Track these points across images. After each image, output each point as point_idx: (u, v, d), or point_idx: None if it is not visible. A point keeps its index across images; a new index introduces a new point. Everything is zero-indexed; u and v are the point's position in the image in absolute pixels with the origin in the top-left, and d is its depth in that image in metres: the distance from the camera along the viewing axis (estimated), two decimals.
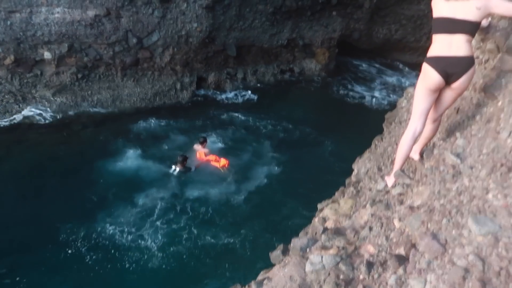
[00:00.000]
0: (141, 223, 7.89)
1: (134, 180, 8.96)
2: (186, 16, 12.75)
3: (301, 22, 15.43)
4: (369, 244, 3.05)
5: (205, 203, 8.66)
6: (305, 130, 12.21)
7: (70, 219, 7.71)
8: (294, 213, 8.38)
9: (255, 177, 9.58)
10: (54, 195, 8.41)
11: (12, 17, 10.91)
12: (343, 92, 15.29)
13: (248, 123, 12.42)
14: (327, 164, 10.26)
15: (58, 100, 11.54)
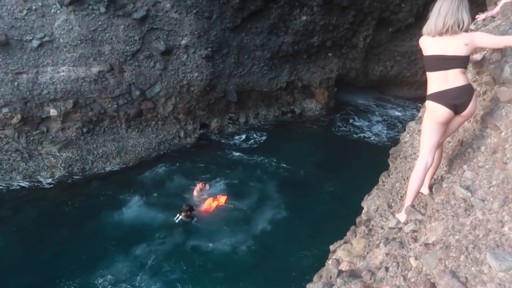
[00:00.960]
0: (141, 275, 7.71)
1: (137, 231, 8.88)
2: (186, 67, 13.17)
3: (299, 64, 15.89)
4: (387, 286, 2.96)
5: (210, 253, 8.48)
6: (309, 170, 12.19)
7: (72, 272, 7.64)
8: (304, 256, 8.18)
9: (260, 220, 9.46)
10: (57, 250, 8.37)
11: (19, 78, 11.29)
12: (345, 129, 15.43)
13: (252, 165, 12.46)
14: (334, 203, 10.15)
15: (64, 155, 11.68)
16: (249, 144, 13.80)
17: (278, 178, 11.41)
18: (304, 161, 12.52)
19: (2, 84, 11.12)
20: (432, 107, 3.17)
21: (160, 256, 8.31)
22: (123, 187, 10.55)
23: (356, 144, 14.37)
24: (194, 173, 11.25)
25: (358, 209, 5.89)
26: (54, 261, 8.03)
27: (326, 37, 15.58)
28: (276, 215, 9.48)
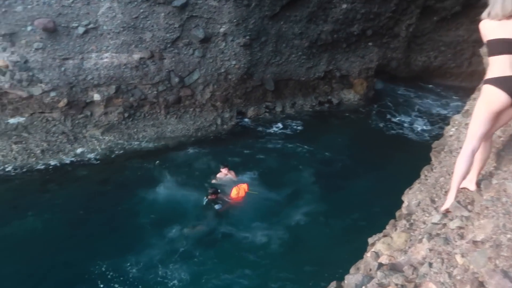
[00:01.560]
0: (170, 258, 7.84)
1: (170, 212, 9.08)
2: (224, 55, 13.24)
3: (337, 54, 15.58)
4: (430, 282, 2.89)
5: (241, 241, 8.50)
6: (345, 162, 12.01)
7: (105, 250, 7.97)
8: (338, 248, 8.07)
9: (294, 210, 9.41)
10: (95, 227, 8.72)
11: (66, 63, 11.77)
12: (384, 121, 15.05)
13: (287, 154, 12.43)
14: (370, 196, 9.94)
15: (106, 138, 12.13)
16: (285, 134, 13.76)
17: (313, 168, 11.32)
18: (341, 153, 12.34)
19: (50, 69, 11.65)
20: (490, 92, 3.01)
21: (191, 240, 8.46)
22: (160, 170, 10.84)
23: (394, 137, 14.00)
24: (228, 160, 11.38)
25: (396, 203, 5.76)
26: (91, 238, 8.41)
27: (367, 26, 15.16)
28: (310, 206, 9.42)
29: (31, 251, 7.89)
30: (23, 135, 11.70)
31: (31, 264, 7.57)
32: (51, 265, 7.60)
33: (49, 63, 11.60)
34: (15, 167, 10.70)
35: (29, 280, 7.25)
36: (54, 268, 7.54)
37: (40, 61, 11.54)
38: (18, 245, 8.06)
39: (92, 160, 11.36)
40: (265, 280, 7.41)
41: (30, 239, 8.28)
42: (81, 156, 11.44)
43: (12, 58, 11.36)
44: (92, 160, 11.36)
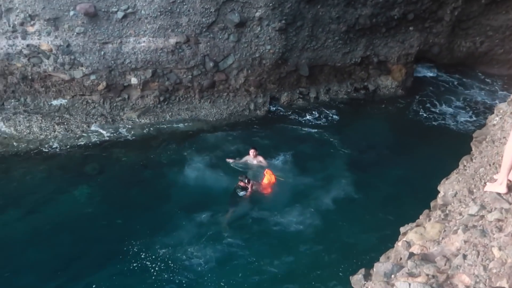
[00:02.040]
0: (200, 241, 8.04)
1: (201, 195, 9.27)
2: (259, 39, 13.13)
3: (376, 39, 15.07)
4: (463, 274, 2.79)
5: (271, 227, 8.56)
6: (380, 150, 11.74)
7: (141, 228, 8.26)
8: (369, 237, 7.99)
9: (325, 197, 9.33)
10: (131, 207, 9.06)
11: (105, 47, 12.10)
12: (423, 110, 14.51)
13: (320, 141, 12.29)
14: (404, 186, 9.71)
15: (142, 121, 12.45)
16: (319, 121, 13.58)
17: (346, 156, 11.15)
18: (376, 141, 12.06)
19: (90, 53, 12.02)
20: None
21: (220, 224, 8.62)
22: (193, 153, 11.04)
23: (434, 127, 13.50)
24: (260, 145, 11.41)
25: (431, 194, 5.57)
26: (125, 216, 8.76)
27: (408, 10, 14.51)
28: (342, 192, 9.31)
29: (69, 226, 8.34)
30: (65, 116, 12.22)
31: (67, 239, 8.01)
32: (87, 240, 8.01)
33: (89, 47, 11.97)
34: (57, 146, 11.21)
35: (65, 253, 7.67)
36: (89, 243, 7.95)
37: (81, 45, 11.93)
38: (57, 220, 8.53)
39: (129, 141, 11.70)
40: (293, 264, 7.44)
41: (69, 214, 8.74)
42: (118, 137, 11.80)
43: (55, 42, 11.81)
44: (128, 141, 11.70)
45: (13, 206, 8.85)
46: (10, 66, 11.94)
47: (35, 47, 11.75)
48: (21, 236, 8.01)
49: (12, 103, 12.33)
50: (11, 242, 7.80)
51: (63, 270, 7.27)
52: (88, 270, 7.29)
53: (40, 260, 7.41)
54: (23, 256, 7.48)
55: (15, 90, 12.35)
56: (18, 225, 8.33)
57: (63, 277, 7.15)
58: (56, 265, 7.35)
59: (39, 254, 7.55)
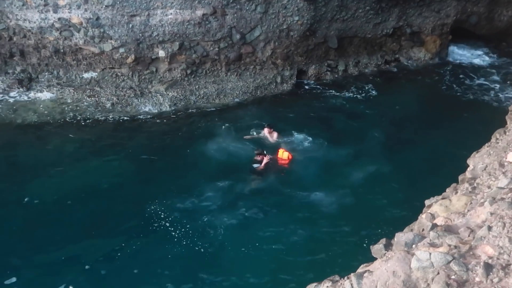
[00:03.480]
0: (224, 207, 8.26)
1: (224, 166, 9.43)
2: (287, 10, 12.83)
3: (409, 8, 14.41)
4: (487, 245, 2.73)
5: (296, 196, 8.64)
6: (411, 124, 11.44)
7: (166, 193, 8.59)
8: (396, 208, 7.92)
9: (353, 169, 9.26)
10: (158, 173, 9.41)
11: (133, 20, 12.18)
12: (457, 83, 13.91)
13: (350, 115, 12.09)
14: (434, 160, 9.48)
15: (170, 94, 12.59)
16: (348, 94, 13.30)
17: (375, 130, 10.90)
18: (407, 115, 11.75)
19: (119, 26, 12.14)
20: None
21: (242, 193, 8.78)
22: (219, 124, 11.18)
23: (467, 101, 12.97)
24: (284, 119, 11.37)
25: (460, 168, 5.43)
26: (150, 182, 9.10)
27: None
28: (369, 166, 9.18)
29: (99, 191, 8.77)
30: (96, 89, 12.53)
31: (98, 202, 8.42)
32: (115, 204, 8.41)
33: (118, 20, 12.08)
34: (89, 117, 11.57)
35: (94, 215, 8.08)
36: (117, 206, 8.35)
37: (110, 18, 12.05)
38: (88, 185, 8.94)
39: (157, 113, 11.92)
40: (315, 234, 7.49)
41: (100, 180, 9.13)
42: (147, 109, 12.03)
43: (85, 15, 11.99)
44: (156, 113, 11.91)
45: (47, 170, 9.33)
46: (43, 39, 12.26)
47: (66, 20, 11.97)
48: (54, 198, 8.47)
49: (46, 76, 12.73)
50: (45, 204, 8.27)
51: (93, 229, 7.68)
52: (114, 231, 7.69)
53: (71, 221, 7.85)
54: (55, 217, 7.94)
55: (48, 63, 12.72)
56: (52, 188, 8.78)
57: (94, 236, 7.56)
58: (85, 225, 7.77)
59: (70, 216, 7.99)
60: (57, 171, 9.33)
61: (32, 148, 10.36)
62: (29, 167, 9.46)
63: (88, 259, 7.04)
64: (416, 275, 2.68)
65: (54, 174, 9.20)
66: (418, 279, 2.65)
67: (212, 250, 7.23)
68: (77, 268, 6.85)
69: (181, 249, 7.26)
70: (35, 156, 9.90)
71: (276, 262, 6.95)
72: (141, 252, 7.22)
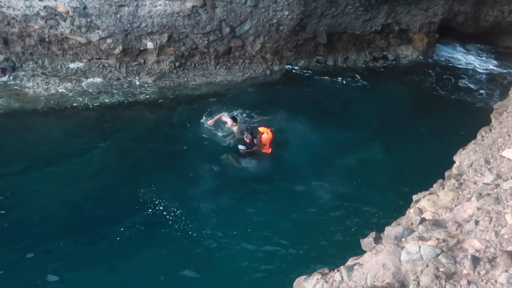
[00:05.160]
0: (212, 193, 8.28)
1: (213, 151, 9.53)
2: (277, 4, 12.80)
3: (398, 6, 14.54)
4: (474, 239, 2.81)
5: (282, 183, 8.70)
6: (398, 120, 11.57)
7: (154, 182, 8.54)
8: (384, 203, 8.01)
9: (341, 163, 9.35)
10: (145, 162, 9.38)
11: (121, 10, 11.98)
12: (442, 82, 14.13)
13: (337, 105, 12.19)
14: (419, 155, 9.63)
15: (158, 85, 12.47)
16: (336, 86, 13.38)
17: (364, 124, 11.03)
18: (393, 111, 11.88)
19: (106, 15, 11.93)
20: None
21: (231, 179, 8.82)
22: (207, 114, 11.10)
23: (452, 99, 13.18)
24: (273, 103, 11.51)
25: (445, 164, 5.54)
26: (137, 171, 9.06)
27: None
28: (354, 159, 9.24)
29: (87, 180, 8.65)
30: (82, 79, 12.32)
31: (85, 192, 8.31)
32: (103, 194, 8.32)
33: (105, 10, 11.87)
34: (74, 106, 11.39)
35: (81, 206, 7.97)
36: (105, 197, 8.25)
37: (98, 8, 11.83)
38: (75, 174, 8.83)
39: (144, 104, 11.79)
40: (303, 226, 7.54)
41: (86, 169, 9.04)
42: (134, 100, 11.89)
43: (72, 4, 11.73)
44: (143, 104, 11.79)
45: (34, 160, 9.16)
46: (28, 27, 11.97)
47: (52, 8, 11.71)
48: (39, 189, 8.32)
49: (30, 65, 12.45)
50: (30, 196, 8.11)
51: (80, 222, 7.56)
52: (104, 223, 7.58)
53: (58, 213, 7.71)
54: (41, 209, 7.79)
55: (33, 52, 12.43)
56: (39, 179, 8.64)
57: (81, 229, 7.44)
58: (73, 217, 7.65)
59: (56, 207, 7.85)
60: (40, 160, 9.19)
61: (16, 136, 10.19)
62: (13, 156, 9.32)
63: (73, 252, 6.95)
64: (406, 267, 2.74)
65: (36, 164, 9.05)
66: (408, 271, 2.71)
67: (198, 241, 7.23)
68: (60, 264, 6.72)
69: (169, 239, 7.25)
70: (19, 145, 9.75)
71: (263, 254, 6.98)
72: (129, 242, 7.16)
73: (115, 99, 11.82)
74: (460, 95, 13.38)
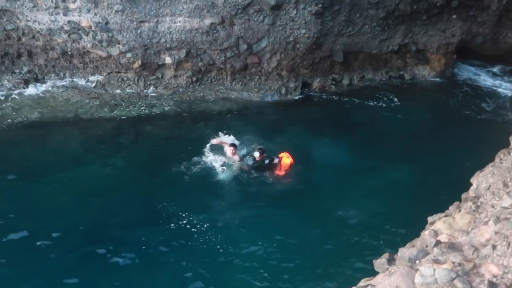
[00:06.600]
0: (237, 209, 8.30)
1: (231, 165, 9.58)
2: (295, 23, 12.96)
3: (415, 26, 14.55)
4: (491, 264, 2.73)
5: (297, 201, 8.69)
6: (414, 139, 11.45)
7: (167, 193, 8.73)
8: (399, 223, 7.86)
9: (357, 180, 9.29)
10: (159, 175, 9.49)
11: (142, 26, 12.30)
12: (460, 102, 13.96)
13: (352, 126, 12.13)
14: (437, 176, 9.46)
15: (174, 100, 12.65)
16: (351, 106, 13.37)
17: (379, 144, 10.93)
18: (411, 131, 11.81)
19: (127, 31, 12.26)
20: None
21: (248, 195, 8.91)
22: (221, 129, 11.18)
23: (470, 120, 12.99)
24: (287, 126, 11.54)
25: (463, 186, 5.44)
26: (151, 184, 9.15)
27: None
28: (369, 179, 9.15)
29: (103, 191, 8.78)
30: (101, 91, 12.61)
31: (100, 202, 8.40)
32: (117, 204, 8.43)
33: (127, 25, 12.20)
34: (93, 118, 11.62)
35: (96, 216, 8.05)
36: (119, 207, 8.34)
37: (119, 23, 12.17)
38: (91, 185, 8.96)
39: (160, 118, 11.95)
40: (315, 244, 7.44)
41: (103, 180, 9.18)
42: (150, 114, 12.06)
43: (95, 20, 12.11)
44: (159, 118, 11.95)
45: (49, 171, 9.34)
46: (52, 41, 12.37)
47: (76, 23, 12.09)
48: (56, 198, 8.45)
49: (52, 77, 12.82)
50: (47, 205, 8.23)
51: (93, 235, 7.62)
52: (117, 236, 7.61)
53: (73, 222, 7.79)
54: (57, 218, 7.89)
55: (55, 64, 12.82)
56: (55, 188, 8.80)
57: (95, 238, 7.53)
58: (87, 227, 7.73)
59: (72, 217, 7.95)
60: (57, 170, 9.36)
61: (34, 146, 10.41)
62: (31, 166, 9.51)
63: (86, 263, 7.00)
64: None
65: (53, 173, 9.23)
66: None
67: (208, 252, 7.21)
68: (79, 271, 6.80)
69: (184, 253, 7.25)
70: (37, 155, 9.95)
71: (273, 271, 6.88)
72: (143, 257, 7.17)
73: (133, 112, 12.04)
74: (478, 116, 13.20)
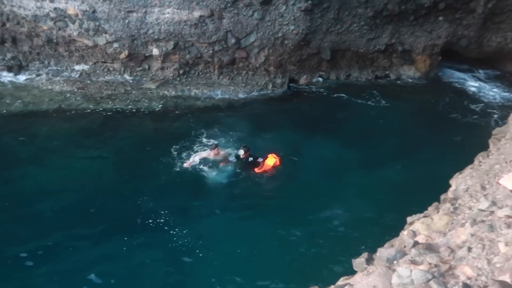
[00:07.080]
0: (222, 207, 8.34)
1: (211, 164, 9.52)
2: (284, 19, 12.95)
3: (402, 27, 14.71)
4: (466, 266, 2.82)
5: (277, 200, 8.74)
6: (395, 138, 11.59)
7: (149, 188, 8.62)
8: (379, 222, 7.97)
9: (339, 181, 9.38)
10: (142, 168, 9.43)
11: (130, 16, 12.13)
12: (443, 103, 14.19)
13: (335, 124, 12.24)
14: (415, 177, 9.60)
15: (161, 92, 12.55)
16: (336, 102, 13.47)
17: (360, 142, 11.04)
18: (391, 130, 11.92)
19: (115, 20, 12.08)
20: None
21: (232, 193, 8.90)
22: (206, 127, 11.14)
23: (451, 121, 13.21)
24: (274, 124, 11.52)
25: (442, 187, 5.55)
26: (133, 177, 9.14)
27: None
28: (349, 179, 9.28)
29: (85, 183, 8.70)
30: (86, 81, 12.41)
31: (81, 195, 8.34)
32: (99, 197, 8.34)
33: (114, 15, 12.02)
34: (77, 108, 11.43)
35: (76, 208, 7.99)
36: (101, 200, 8.28)
37: (107, 12, 11.98)
38: (73, 177, 8.87)
39: (145, 111, 11.83)
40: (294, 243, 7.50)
41: (85, 172, 9.09)
42: (136, 106, 11.94)
43: (82, 7, 11.89)
44: (145, 111, 11.83)
45: (32, 163, 9.18)
46: (37, 28, 12.11)
47: (62, 10, 11.86)
48: (37, 189, 8.35)
49: (36, 65, 12.56)
50: (28, 196, 8.11)
51: (75, 223, 7.57)
52: (100, 230, 7.57)
53: (55, 212, 7.73)
54: (37, 209, 7.80)
55: (40, 52, 12.56)
56: (38, 178, 8.69)
57: (76, 229, 7.47)
58: (67, 218, 7.66)
59: (54, 207, 7.88)
60: (40, 160, 9.23)
61: (16, 137, 10.20)
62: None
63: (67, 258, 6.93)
64: None
65: (36, 164, 9.10)
66: None
67: (192, 253, 7.20)
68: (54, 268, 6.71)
69: (164, 250, 7.23)
70: (19, 147, 9.76)
71: (253, 270, 6.91)
72: (125, 250, 7.12)
73: (118, 104, 11.87)
74: (459, 117, 13.43)
